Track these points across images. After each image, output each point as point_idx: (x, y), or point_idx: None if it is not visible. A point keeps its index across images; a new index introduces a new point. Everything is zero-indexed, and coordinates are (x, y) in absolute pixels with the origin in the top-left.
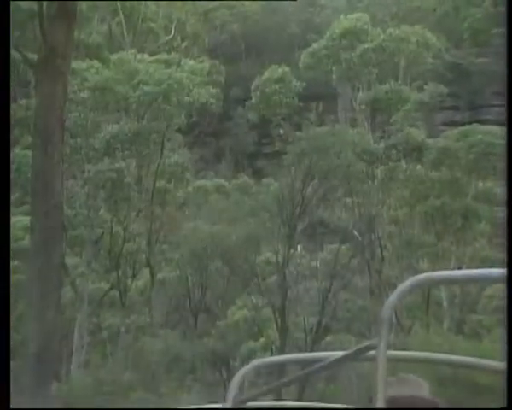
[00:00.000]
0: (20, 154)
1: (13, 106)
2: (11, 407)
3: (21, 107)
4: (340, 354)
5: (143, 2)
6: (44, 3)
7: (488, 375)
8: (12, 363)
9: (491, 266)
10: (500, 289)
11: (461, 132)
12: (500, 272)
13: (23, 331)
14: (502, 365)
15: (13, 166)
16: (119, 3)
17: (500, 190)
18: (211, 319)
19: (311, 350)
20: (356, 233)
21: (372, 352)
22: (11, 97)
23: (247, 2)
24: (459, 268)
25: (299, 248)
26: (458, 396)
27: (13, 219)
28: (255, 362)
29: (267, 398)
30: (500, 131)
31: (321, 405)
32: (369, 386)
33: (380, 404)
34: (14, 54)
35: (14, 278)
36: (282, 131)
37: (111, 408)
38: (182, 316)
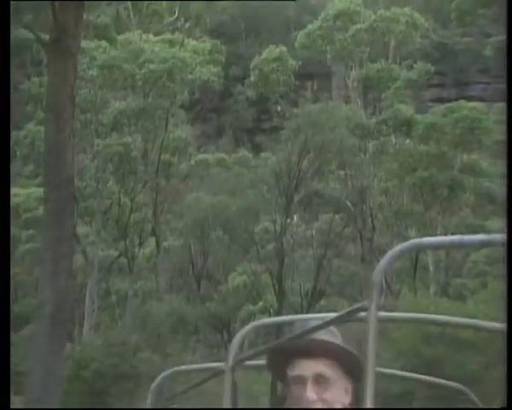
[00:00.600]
0: (34, 129)
1: (27, 83)
2: (11, 407)
3: (34, 84)
4: (333, 315)
5: None
6: None
7: (470, 332)
8: (28, 327)
9: (474, 233)
10: (483, 254)
11: (447, 108)
12: (483, 237)
13: (39, 296)
14: (489, 324)
15: (27, 141)
16: None
17: (485, 163)
18: (213, 285)
19: (307, 313)
20: (348, 204)
21: (363, 313)
22: (25, 75)
23: None
24: (445, 235)
25: (295, 218)
26: (444, 352)
27: (28, 191)
28: (254, 323)
29: (265, 356)
30: (484, 107)
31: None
32: (361, 347)
33: (371, 363)
34: (27, 34)
35: (29, 245)
36: (279, 108)
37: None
38: (185, 281)
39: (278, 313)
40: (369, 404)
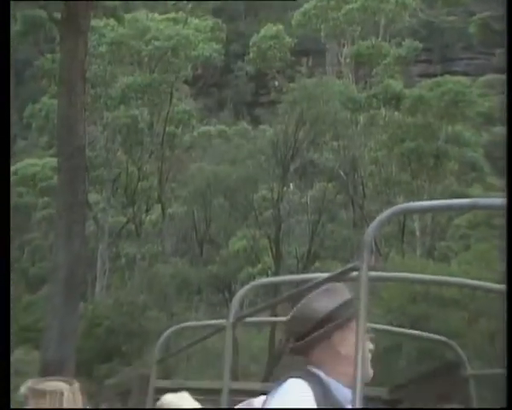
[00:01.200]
0: (48, 102)
1: (41, 59)
2: (11, 406)
3: (48, 60)
4: (327, 274)
5: None
6: None
7: (454, 290)
8: (45, 287)
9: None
10: (466, 219)
11: (433, 83)
12: (465, 201)
13: (54, 260)
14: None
15: (42, 114)
16: None
17: (468, 134)
18: (214, 248)
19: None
20: (341, 172)
21: (355, 273)
22: (39, 52)
23: None
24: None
25: (291, 186)
26: (429, 309)
27: (43, 161)
28: (253, 283)
29: (264, 314)
30: (468, 81)
31: None
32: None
33: (362, 318)
34: (41, 13)
35: (45, 212)
36: (276, 83)
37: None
38: (189, 246)
39: (276, 275)
40: (359, 353)
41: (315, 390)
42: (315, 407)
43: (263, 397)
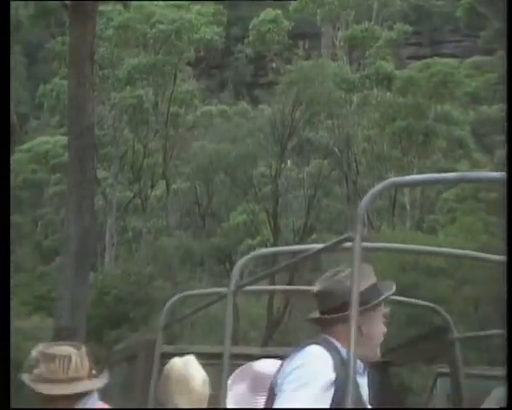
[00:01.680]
0: (59, 83)
1: (52, 42)
2: (11, 406)
3: (58, 43)
4: (323, 245)
5: None
6: None
7: (441, 260)
8: (58, 259)
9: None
10: (453, 193)
11: (423, 64)
12: (454, 175)
13: (65, 233)
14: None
15: (53, 94)
16: None
17: (456, 113)
18: (216, 222)
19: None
20: (336, 150)
21: (349, 244)
22: (50, 35)
23: None
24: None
25: (288, 163)
26: (417, 278)
27: (54, 139)
28: (253, 253)
29: (263, 283)
30: (455, 62)
31: (307, 287)
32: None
33: (356, 286)
34: None
35: (56, 188)
36: (274, 65)
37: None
38: (192, 219)
39: (274, 247)
40: (354, 318)
41: (333, 357)
42: (332, 372)
43: (262, 361)
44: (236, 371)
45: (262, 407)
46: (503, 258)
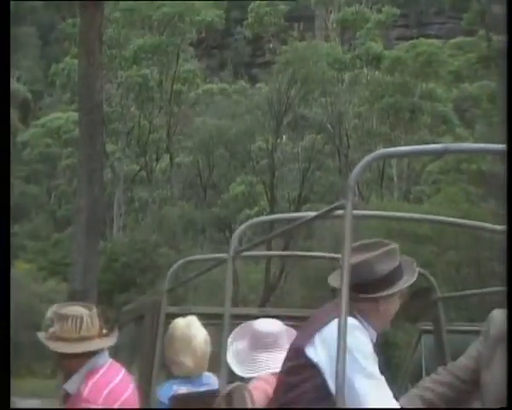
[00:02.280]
0: (70, 62)
1: (63, 24)
2: (11, 406)
3: (69, 25)
4: (316, 213)
5: None
6: None
7: (425, 228)
8: (70, 228)
9: None
10: (437, 166)
11: (409, 45)
12: (438, 146)
13: (76, 203)
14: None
15: (64, 72)
16: None
17: (440, 90)
18: (216, 193)
19: None
20: (328, 126)
21: (341, 212)
22: (62, 17)
23: None
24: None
25: (284, 138)
26: (403, 244)
27: (66, 115)
28: (251, 221)
29: (260, 249)
30: (440, 43)
31: (301, 253)
32: (337, 242)
33: (347, 252)
34: None
35: (68, 161)
36: (271, 45)
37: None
38: (194, 191)
39: None
40: (345, 286)
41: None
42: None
43: (261, 320)
44: (236, 329)
45: (261, 362)
46: (481, 224)
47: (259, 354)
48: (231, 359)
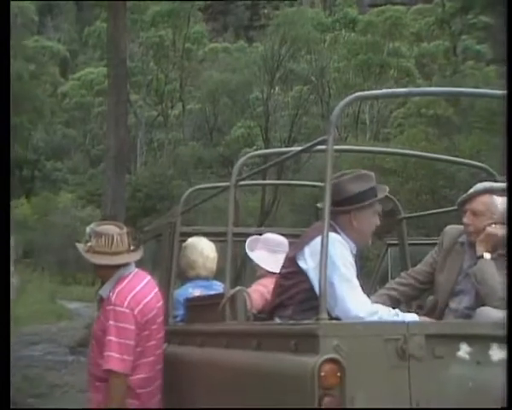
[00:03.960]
0: (100, 25)
1: None
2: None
3: None
4: (301, 147)
5: None
6: None
7: (391, 162)
8: (101, 164)
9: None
10: (402, 112)
11: (379, 10)
12: (403, 90)
13: (106, 143)
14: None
15: (95, 34)
16: None
17: (404, 48)
18: (221, 135)
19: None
20: (313, 78)
21: (323, 147)
22: None
23: None
24: (377, 97)
25: (276, 89)
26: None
27: (97, 69)
28: (249, 154)
29: (257, 176)
30: (404, 9)
31: (291, 182)
32: (321, 175)
33: (328, 184)
34: None
35: (100, 108)
36: (266, 11)
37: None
38: (203, 133)
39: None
40: (327, 206)
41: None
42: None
43: (269, 234)
44: (248, 240)
45: (279, 261)
46: (440, 156)
47: (279, 255)
48: (258, 260)
